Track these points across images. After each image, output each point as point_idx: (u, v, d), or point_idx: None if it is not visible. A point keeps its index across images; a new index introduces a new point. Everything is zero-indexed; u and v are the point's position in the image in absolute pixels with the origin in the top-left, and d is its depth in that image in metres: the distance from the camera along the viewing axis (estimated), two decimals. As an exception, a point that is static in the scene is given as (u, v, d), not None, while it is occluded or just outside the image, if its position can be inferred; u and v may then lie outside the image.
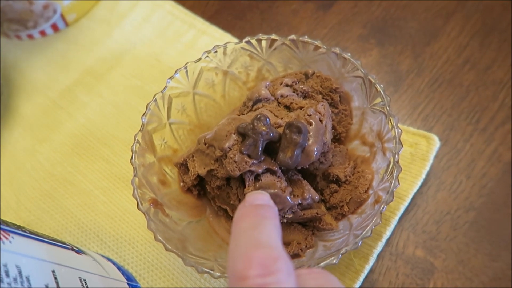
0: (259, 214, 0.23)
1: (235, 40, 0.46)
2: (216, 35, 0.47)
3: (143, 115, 0.34)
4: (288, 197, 0.29)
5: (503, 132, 0.39)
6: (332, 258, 0.28)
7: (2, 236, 0.21)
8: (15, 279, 0.20)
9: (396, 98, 0.42)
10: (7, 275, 0.20)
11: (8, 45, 0.51)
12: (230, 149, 0.30)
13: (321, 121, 0.31)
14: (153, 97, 0.35)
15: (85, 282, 0.26)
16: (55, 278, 0.23)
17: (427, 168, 0.36)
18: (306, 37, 0.35)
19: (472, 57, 0.43)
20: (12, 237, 0.22)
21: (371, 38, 0.46)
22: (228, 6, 0.50)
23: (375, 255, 0.34)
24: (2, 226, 0.23)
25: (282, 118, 0.32)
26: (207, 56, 0.36)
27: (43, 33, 0.50)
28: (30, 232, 0.26)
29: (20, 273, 0.21)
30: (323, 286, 0.21)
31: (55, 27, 0.50)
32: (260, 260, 0.19)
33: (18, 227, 0.25)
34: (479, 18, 0.45)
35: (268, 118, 0.29)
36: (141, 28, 0.49)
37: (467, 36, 0.44)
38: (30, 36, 0.50)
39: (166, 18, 0.49)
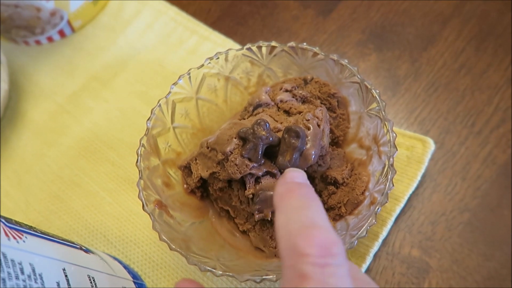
0: (307, 194, 0.23)
1: (237, 46, 0.47)
2: (218, 41, 0.48)
3: (148, 119, 0.35)
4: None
5: (498, 135, 0.40)
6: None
7: (16, 236, 0.23)
8: (29, 276, 0.21)
9: (394, 102, 0.43)
10: (22, 272, 0.21)
11: (16, 51, 0.53)
12: (232, 152, 0.31)
13: (318, 125, 0.32)
14: (158, 102, 0.36)
15: (94, 280, 0.28)
16: (66, 276, 0.25)
17: (423, 171, 0.37)
18: (305, 44, 0.36)
19: (468, 62, 0.44)
20: (26, 237, 0.24)
21: (369, 43, 0.47)
22: (230, 13, 0.52)
23: (371, 255, 0.35)
24: (15, 226, 0.24)
25: (281, 123, 0.33)
26: (209, 63, 0.38)
27: (50, 39, 0.52)
28: (41, 232, 0.27)
29: (33, 270, 0.22)
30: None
31: (62, 33, 0.52)
32: (321, 240, 0.19)
33: (30, 227, 0.26)
34: (476, 23, 0.46)
35: (268, 123, 0.30)
36: (145, 34, 0.50)
37: (463, 41, 0.45)
38: (38, 42, 0.52)
39: (169, 25, 0.50)
